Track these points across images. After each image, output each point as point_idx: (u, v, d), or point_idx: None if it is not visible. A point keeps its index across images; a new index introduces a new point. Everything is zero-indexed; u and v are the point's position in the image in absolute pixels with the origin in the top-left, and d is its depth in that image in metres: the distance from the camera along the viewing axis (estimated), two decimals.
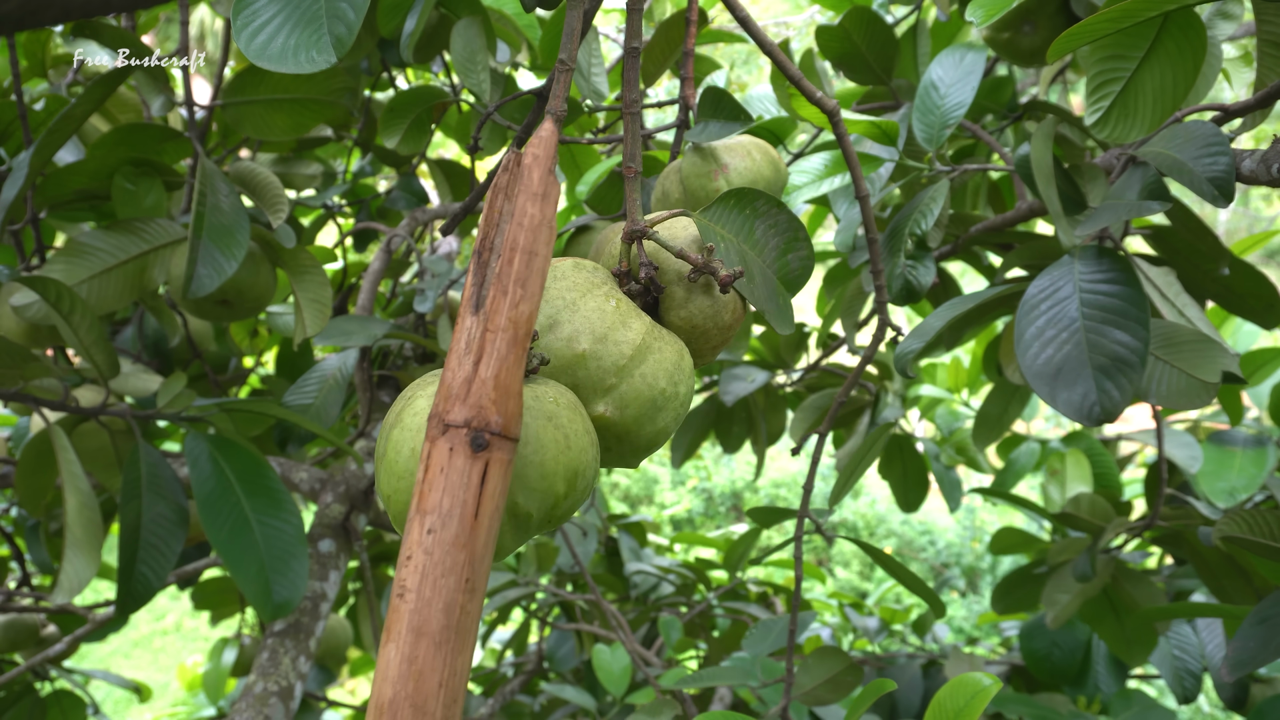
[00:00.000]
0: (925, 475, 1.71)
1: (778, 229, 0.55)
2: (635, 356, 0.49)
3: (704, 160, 0.68)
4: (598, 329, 0.49)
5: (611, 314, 0.50)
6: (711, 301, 0.54)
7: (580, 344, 0.48)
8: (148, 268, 0.96)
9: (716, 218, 0.56)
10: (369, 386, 1.29)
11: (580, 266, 0.53)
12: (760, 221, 0.56)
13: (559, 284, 0.51)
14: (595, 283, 0.51)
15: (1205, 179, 0.66)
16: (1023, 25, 1.02)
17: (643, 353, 0.50)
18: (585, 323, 0.49)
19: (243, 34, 0.50)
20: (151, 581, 0.82)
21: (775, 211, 0.55)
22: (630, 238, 0.54)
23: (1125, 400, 0.60)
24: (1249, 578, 1.14)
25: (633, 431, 0.50)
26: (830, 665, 0.90)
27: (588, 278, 0.52)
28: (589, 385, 0.49)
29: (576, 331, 0.49)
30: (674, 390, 0.51)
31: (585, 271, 0.52)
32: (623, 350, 0.49)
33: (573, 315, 0.49)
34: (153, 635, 5.52)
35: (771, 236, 0.55)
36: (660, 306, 0.55)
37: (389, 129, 1.09)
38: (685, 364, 0.52)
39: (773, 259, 0.55)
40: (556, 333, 0.49)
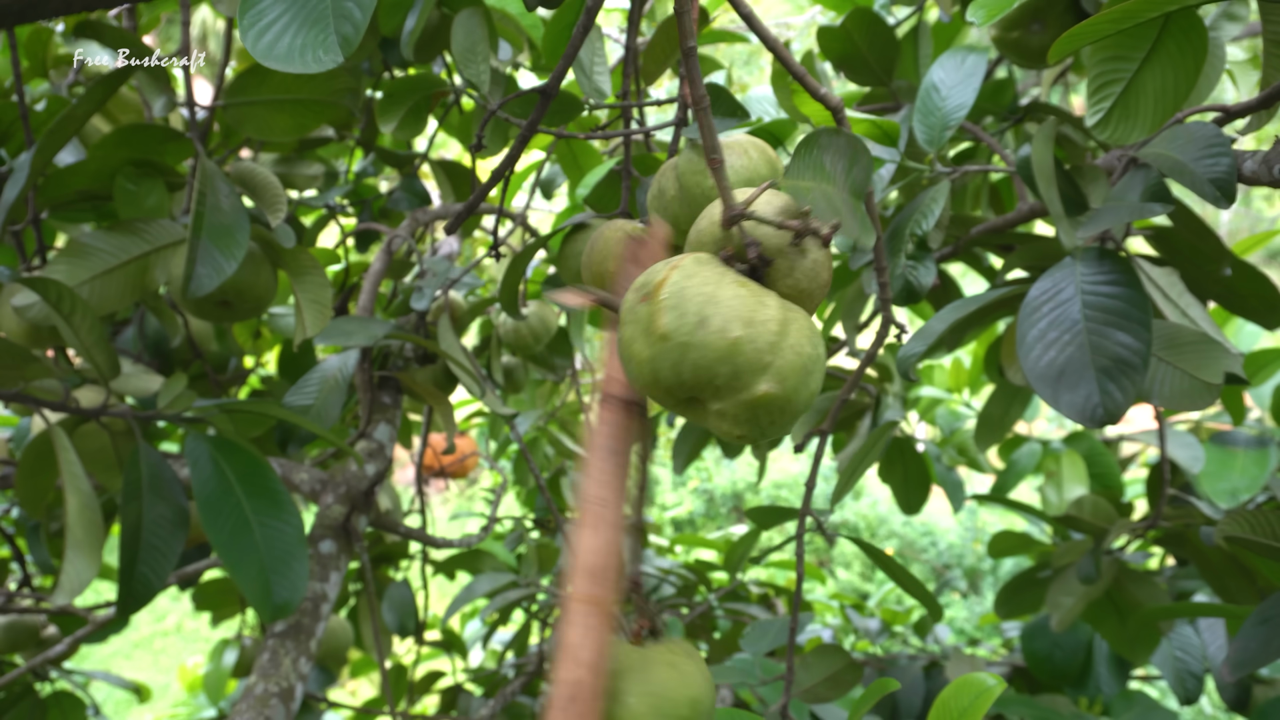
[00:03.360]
0: (926, 477, 1.70)
1: (840, 152, 0.57)
2: (781, 330, 0.52)
3: (700, 157, 0.68)
4: (743, 314, 0.51)
5: (748, 297, 0.52)
6: (812, 263, 0.57)
7: (733, 331, 0.51)
8: (149, 268, 0.96)
9: (797, 172, 0.59)
10: (369, 387, 1.29)
11: (700, 260, 0.55)
12: (825, 154, 0.57)
13: (692, 281, 0.53)
14: (720, 271, 0.54)
15: (1207, 180, 0.66)
16: (1031, 24, 1.01)
17: (785, 325, 0.52)
18: (731, 311, 0.51)
19: (249, 33, 0.50)
20: (152, 582, 0.82)
21: (834, 138, 0.57)
22: (730, 222, 0.56)
23: (1128, 402, 0.60)
24: (1252, 578, 1.14)
25: (793, 399, 0.53)
26: (830, 663, 0.90)
27: (711, 268, 0.54)
28: (749, 368, 0.51)
29: (726, 321, 0.51)
30: (816, 352, 0.54)
31: (705, 264, 0.54)
32: (770, 328, 0.52)
33: (717, 307, 0.51)
34: (153, 636, 5.52)
35: (838, 161, 0.57)
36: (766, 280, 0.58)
37: (386, 115, 1.09)
38: (814, 327, 0.55)
39: (844, 181, 0.57)
40: (707, 327, 0.51)
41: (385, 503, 1.70)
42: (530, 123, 0.74)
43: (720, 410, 0.54)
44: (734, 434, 0.55)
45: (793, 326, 0.53)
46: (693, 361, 0.51)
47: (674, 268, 0.54)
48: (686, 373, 0.52)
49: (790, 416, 0.54)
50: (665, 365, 0.52)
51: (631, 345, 0.54)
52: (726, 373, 0.51)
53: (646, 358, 0.53)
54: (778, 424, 0.54)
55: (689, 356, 0.51)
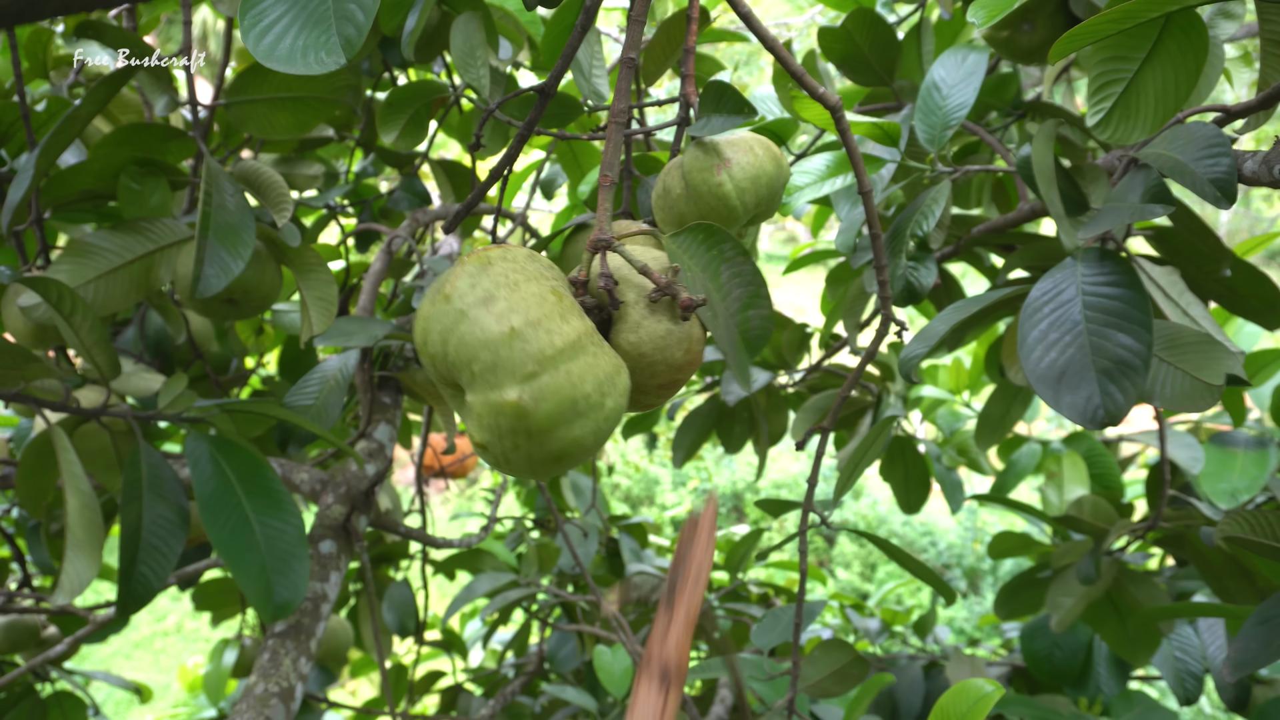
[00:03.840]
0: (926, 477, 1.71)
1: (742, 280, 0.52)
2: (565, 351, 0.47)
3: (706, 155, 0.68)
4: (533, 313, 0.47)
5: (552, 304, 0.48)
6: (667, 331, 0.52)
7: (510, 320, 0.46)
8: (153, 267, 0.96)
9: (685, 246, 0.54)
10: (370, 387, 1.29)
11: (535, 258, 0.51)
12: (726, 267, 0.53)
13: (505, 264, 0.49)
14: (546, 277, 0.50)
15: (1207, 180, 0.66)
16: (1022, 24, 1.02)
17: (575, 350, 0.47)
18: (522, 303, 0.47)
19: (250, 34, 0.50)
20: (152, 582, 0.82)
21: (742, 261, 0.52)
22: (595, 248, 0.52)
23: (1129, 403, 0.60)
24: (1252, 578, 1.14)
25: (544, 428, 0.47)
26: (836, 658, 0.90)
27: (539, 269, 0.50)
28: (508, 367, 0.46)
29: (509, 309, 0.47)
30: (600, 400, 0.48)
31: (538, 263, 0.50)
32: (553, 340, 0.46)
33: (511, 294, 0.47)
34: (153, 636, 5.52)
35: (736, 286, 0.52)
36: (612, 328, 0.53)
37: (387, 124, 1.09)
38: (620, 382, 0.49)
39: (735, 310, 0.52)
40: (490, 306, 0.47)
41: (385, 503, 1.70)
42: (528, 122, 0.74)
43: (470, 404, 0.49)
44: (474, 439, 0.49)
45: (584, 359, 0.47)
46: (461, 334, 0.47)
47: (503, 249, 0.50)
48: (451, 344, 0.47)
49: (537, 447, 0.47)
50: (436, 328, 0.48)
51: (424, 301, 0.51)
52: (486, 360, 0.46)
53: (424, 314, 0.49)
54: (520, 450, 0.48)
55: (459, 327, 0.47)
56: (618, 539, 2.01)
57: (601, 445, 0.50)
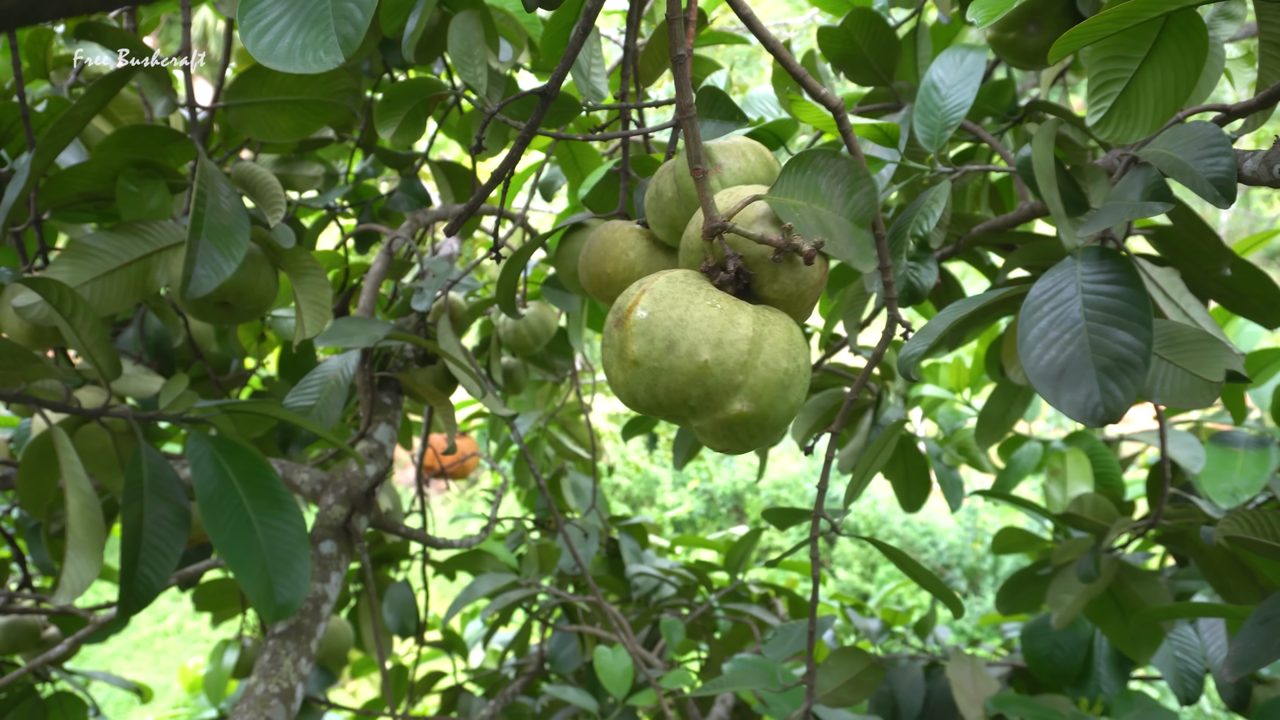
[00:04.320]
0: (927, 475, 1.71)
1: (839, 176, 0.57)
2: (753, 349, 0.52)
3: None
4: (711, 336, 0.52)
5: (719, 318, 0.53)
6: (798, 269, 0.57)
7: (701, 355, 0.52)
8: (151, 269, 0.96)
9: (786, 189, 0.58)
10: (370, 388, 1.29)
11: (673, 280, 0.55)
12: (821, 176, 0.57)
13: (661, 304, 0.53)
14: (691, 291, 0.54)
15: (1207, 180, 0.66)
16: (1028, 25, 1.02)
17: (758, 343, 0.53)
18: (698, 334, 0.52)
19: (249, 34, 0.50)
20: (153, 583, 0.82)
21: (832, 161, 0.57)
22: (711, 234, 0.57)
23: (1129, 401, 0.60)
24: (1254, 577, 1.14)
25: (770, 415, 0.53)
26: (851, 666, 0.89)
27: (683, 288, 0.55)
28: (720, 390, 0.52)
29: (694, 345, 0.52)
30: (795, 365, 0.54)
31: (679, 283, 0.55)
32: (740, 348, 0.52)
33: (685, 331, 0.52)
34: (154, 637, 5.52)
35: (835, 185, 0.57)
36: (753, 286, 0.58)
37: (384, 120, 1.08)
38: (796, 336, 0.55)
39: (842, 205, 0.57)
40: (675, 352, 0.52)
41: (386, 503, 1.70)
42: (530, 124, 0.74)
43: (700, 427, 0.55)
44: (717, 447, 0.56)
45: (767, 343, 0.53)
46: (664, 385, 0.52)
47: (645, 291, 0.55)
48: (661, 395, 0.53)
49: (771, 429, 0.54)
50: (640, 389, 0.54)
51: (609, 369, 0.56)
52: (699, 394, 0.52)
53: (622, 382, 0.55)
54: (758, 438, 0.55)
55: (660, 381, 0.52)
56: (618, 539, 2.01)
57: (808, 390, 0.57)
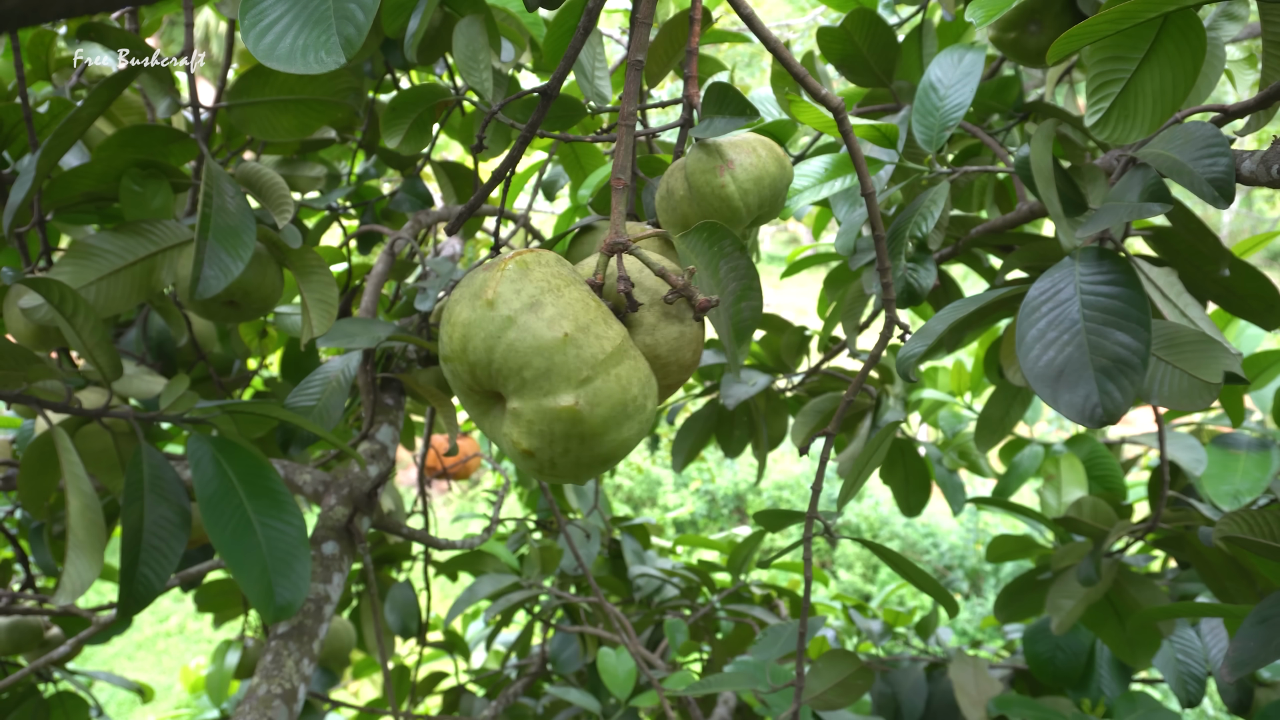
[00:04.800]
0: (927, 479, 1.70)
1: (737, 274, 0.54)
2: (614, 355, 0.48)
3: (709, 156, 0.68)
4: (581, 318, 0.47)
5: (594, 309, 0.49)
6: (679, 332, 0.53)
7: (562, 326, 0.46)
8: (155, 269, 0.97)
9: (692, 245, 0.55)
10: (372, 389, 1.29)
11: (563, 262, 0.52)
12: (724, 262, 0.54)
13: (543, 269, 0.49)
14: (576, 280, 0.50)
15: (1205, 180, 0.66)
16: (1029, 24, 1.02)
17: (621, 354, 0.48)
18: (569, 308, 0.47)
19: (251, 34, 0.50)
20: (154, 583, 0.82)
21: (738, 255, 0.54)
22: (611, 250, 0.53)
23: (1127, 402, 0.60)
24: (1252, 579, 1.14)
25: (597, 434, 0.48)
26: (840, 669, 0.89)
27: (570, 272, 0.51)
28: (563, 373, 0.46)
29: (559, 315, 0.47)
30: (644, 403, 0.49)
31: (567, 267, 0.52)
32: (603, 345, 0.47)
33: (557, 299, 0.47)
34: (156, 637, 5.52)
35: (731, 280, 0.54)
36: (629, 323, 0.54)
37: (391, 129, 1.09)
38: (654, 384, 0.50)
39: (730, 303, 0.54)
40: (538, 313, 0.47)
41: (388, 504, 1.70)
42: (531, 124, 0.74)
43: (517, 411, 0.48)
44: (520, 447, 0.49)
45: (628, 362, 0.48)
46: (509, 340, 0.47)
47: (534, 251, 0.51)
48: (499, 351, 0.47)
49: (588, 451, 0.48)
50: (480, 335, 0.47)
51: (453, 307, 0.50)
52: (539, 367, 0.46)
53: (463, 320, 0.48)
54: (569, 455, 0.48)
55: (507, 334, 0.47)
56: (620, 540, 2.01)
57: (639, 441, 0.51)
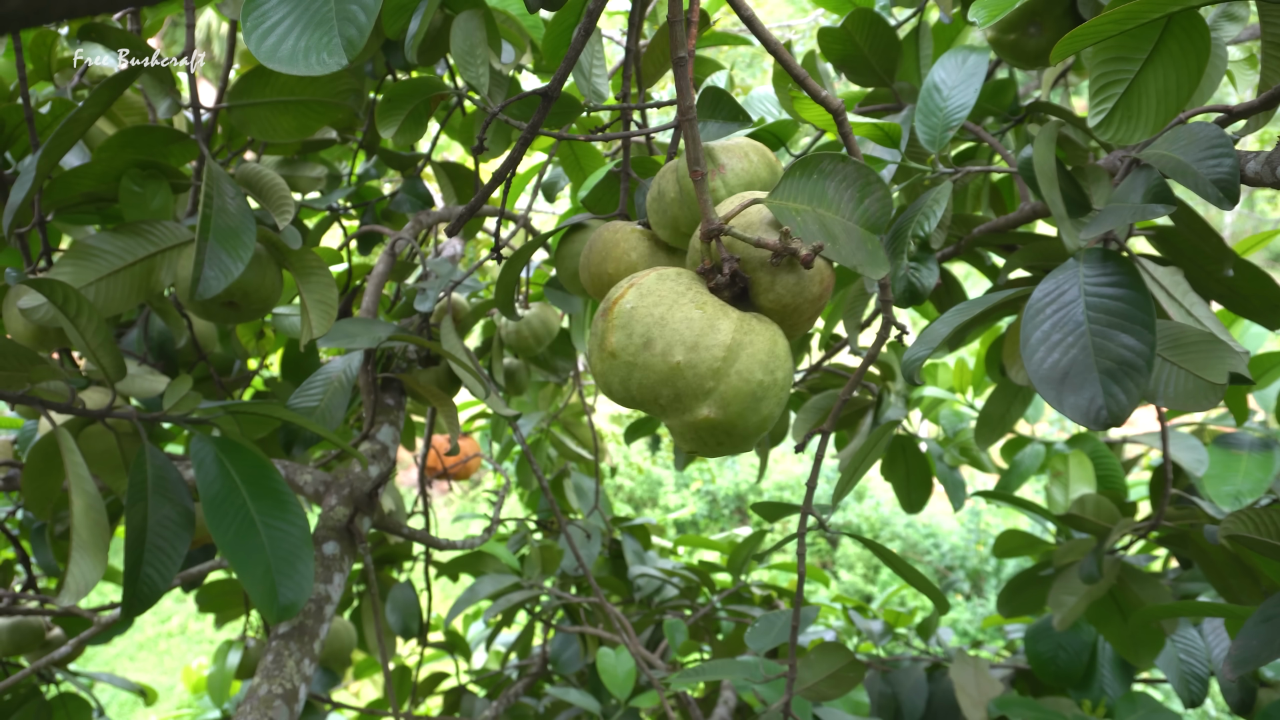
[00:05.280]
0: (928, 476, 1.70)
1: (848, 181, 0.56)
2: (728, 357, 0.52)
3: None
4: (688, 338, 0.52)
5: (699, 321, 0.53)
6: (797, 278, 0.57)
7: (674, 356, 0.52)
8: (155, 270, 0.96)
9: (788, 193, 0.57)
10: (373, 389, 1.29)
11: (664, 277, 0.56)
12: (829, 181, 0.57)
13: (645, 300, 0.54)
14: (680, 291, 0.55)
15: (1209, 181, 0.66)
16: (1029, 27, 1.01)
17: (735, 351, 0.53)
18: (675, 335, 0.52)
19: (253, 35, 0.50)
20: (157, 584, 0.82)
21: (841, 166, 0.56)
22: (708, 236, 0.57)
23: (1132, 404, 0.60)
24: (1256, 578, 1.14)
25: (738, 425, 0.54)
26: (832, 661, 0.90)
27: (672, 287, 0.55)
28: (690, 393, 0.52)
29: (669, 345, 0.52)
30: (771, 379, 0.54)
31: (669, 281, 0.55)
32: (714, 354, 0.52)
33: (663, 330, 0.53)
34: (158, 638, 5.52)
35: (844, 190, 0.56)
36: (750, 292, 0.58)
37: (385, 119, 1.09)
38: (779, 349, 0.55)
39: (851, 210, 0.56)
40: (651, 350, 0.53)
41: (388, 504, 1.70)
42: (531, 125, 0.74)
43: (671, 425, 0.55)
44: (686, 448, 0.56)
45: (745, 352, 0.53)
46: (638, 381, 0.53)
47: (633, 285, 0.56)
48: (634, 389, 0.54)
49: (739, 439, 0.55)
50: (615, 381, 0.55)
51: (591, 357, 0.57)
52: (669, 394, 0.53)
53: (600, 372, 0.56)
54: (726, 445, 0.55)
55: (634, 376, 0.53)
56: (621, 540, 2.01)
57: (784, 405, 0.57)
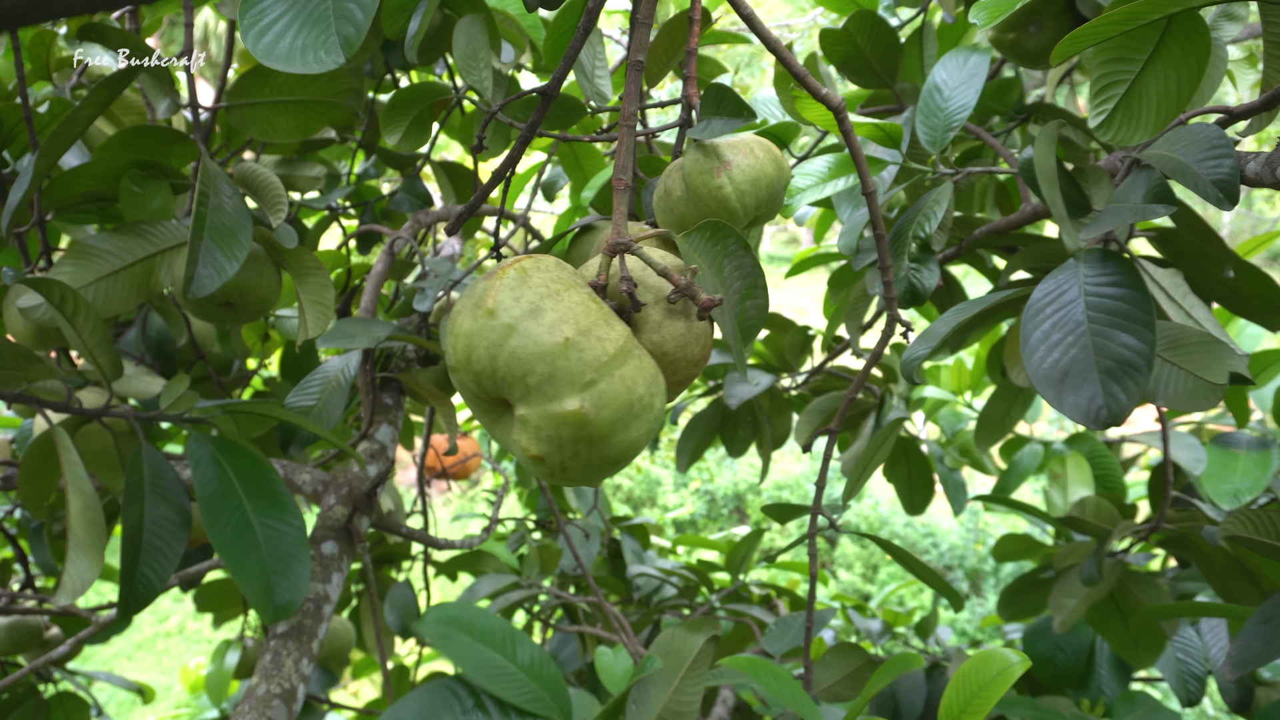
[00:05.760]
0: (930, 478, 1.70)
1: (742, 272, 0.53)
2: (617, 356, 0.47)
3: (707, 158, 0.68)
4: (581, 322, 0.47)
5: (595, 311, 0.48)
6: (686, 329, 0.53)
7: (563, 331, 0.46)
8: (154, 270, 0.96)
9: (695, 244, 0.55)
10: (371, 389, 1.29)
11: (563, 265, 0.52)
12: (728, 261, 0.54)
13: (542, 274, 0.49)
14: (578, 283, 0.50)
15: (1209, 181, 0.66)
16: (1028, 26, 1.01)
17: (624, 355, 0.48)
18: (569, 312, 0.47)
19: (250, 34, 0.50)
20: (154, 583, 0.82)
21: (742, 253, 0.54)
22: (613, 251, 0.53)
23: (1132, 403, 0.60)
24: (1255, 579, 1.14)
25: (605, 436, 0.48)
26: (848, 661, 0.89)
27: (570, 276, 0.51)
28: (567, 377, 0.46)
29: (560, 319, 0.47)
30: (650, 402, 0.49)
31: (568, 270, 0.51)
32: (605, 348, 0.47)
33: (556, 304, 0.47)
34: (156, 637, 5.52)
35: (736, 279, 0.53)
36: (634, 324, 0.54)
37: (390, 126, 1.09)
38: (661, 381, 0.50)
39: (735, 301, 0.53)
40: (539, 319, 0.47)
41: (387, 504, 1.70)
42: (531, 124, 0.74)
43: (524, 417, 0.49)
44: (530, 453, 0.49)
45: (633, 362, 0.48)
46: (511, 348, 0.47)
47: (533, 257, 0.51)
48: (502, 359, 0.47)
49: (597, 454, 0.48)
50: (483, 344, 0.48)
51: (456, 318, 0.50)
52: (543, 373, 0.46)
53: (465, 331, 0.49)
54: (581, 456, 0.48)
55: (509, 342, 0.47)
56: (619, 540, 2.01)
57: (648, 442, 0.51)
